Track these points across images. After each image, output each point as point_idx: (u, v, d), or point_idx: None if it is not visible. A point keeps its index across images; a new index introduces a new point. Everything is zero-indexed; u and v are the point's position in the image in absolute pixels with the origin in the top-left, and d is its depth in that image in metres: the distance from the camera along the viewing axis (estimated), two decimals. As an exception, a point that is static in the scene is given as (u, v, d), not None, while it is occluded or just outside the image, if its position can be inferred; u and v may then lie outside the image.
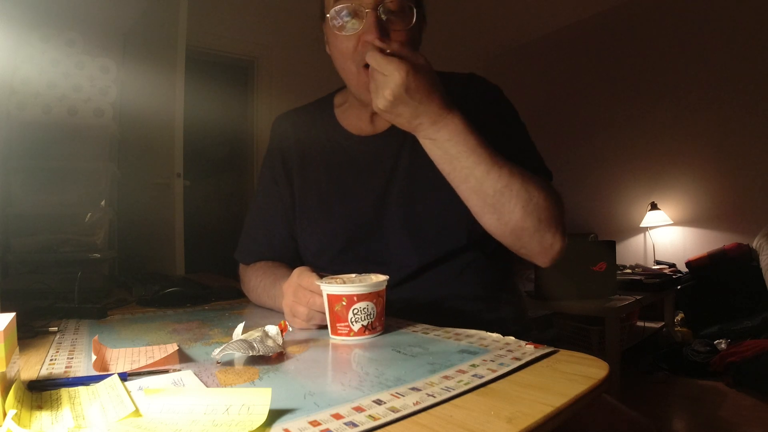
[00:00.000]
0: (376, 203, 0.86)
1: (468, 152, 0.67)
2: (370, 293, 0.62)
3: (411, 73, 0.62)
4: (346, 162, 0.90)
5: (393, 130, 0.86)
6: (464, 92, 0.84)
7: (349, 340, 0.61)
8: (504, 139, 0.76)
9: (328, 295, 0.62)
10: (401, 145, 0.86)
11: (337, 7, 0.74)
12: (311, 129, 0.95)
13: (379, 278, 0.65)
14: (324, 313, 0.64)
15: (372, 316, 0.62)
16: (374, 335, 0.62)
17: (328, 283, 0.63)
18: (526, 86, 4.49)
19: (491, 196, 0.68)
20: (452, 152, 0.68)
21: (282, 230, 0.94)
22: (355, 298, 0.61)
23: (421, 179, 0.84)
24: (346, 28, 0.74)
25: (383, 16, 0.72)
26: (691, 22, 3.45)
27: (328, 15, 0.76)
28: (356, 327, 0.61)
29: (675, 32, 3.54)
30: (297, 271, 0.70)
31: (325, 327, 0.65)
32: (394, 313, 0.71)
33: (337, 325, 0.62)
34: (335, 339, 0.63)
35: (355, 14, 0.73)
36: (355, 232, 0.86)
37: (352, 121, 0.91)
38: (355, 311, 0.61)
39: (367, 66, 0.71)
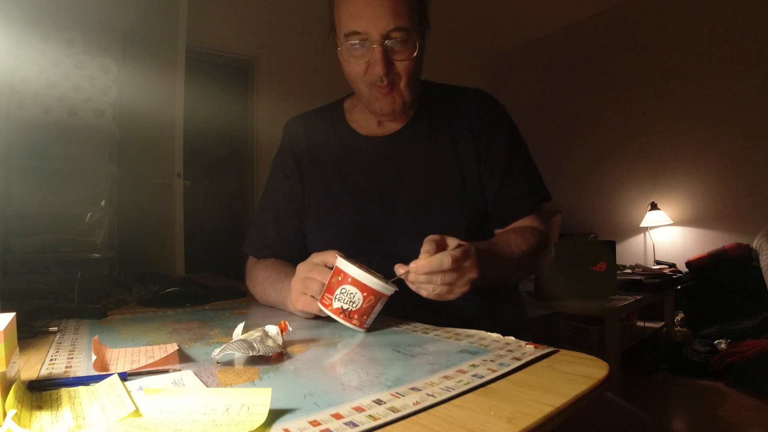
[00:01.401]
0: (383, 200, 0.89)
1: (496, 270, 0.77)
2: (365, 285, 0.63)
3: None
4: (355, 160, 0.94)
5: (402, 132, 0.93)
6: (476, 109, 0.93)
7: (324, 312, 0.65)
8: (512, 164, 0.90)
9: (335, 266, 0.66)
10: (409, 147, 0.92)
11: (349, 39, 0.81)
12: (322, 130, 0.99)
13: (388, 283, 0.65)
14: None
15: (355, 305, 0.63)
16: (349, 325, 0.64)
17: (345, 258, 0.66)
18: (525, 86, 4.49)
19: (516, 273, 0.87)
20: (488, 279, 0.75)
21: (291, 224, 0.96)
22: (349, 279, 0.63)
23: (428, 179, 0.89)
24: (356, 56, 0.83)
25: (390, 47, 0.80)
26: (691, 22, 3.45)
27: (338, 38, 0.84)
28: (336, 304, 0.64)
29: (675, 32, 3.54)
30: (316, 253, 0.73)
31: (327, 324, 0.66)
32: (394, 312, 0.72)
33: (326, 294, 0.65)
34: (317, 306, 0.67)
35: (363, 44, 0.81)
36: (362, 227, 0.89)
37: (362, 124, 0.96)
38: (343, 291, 0.63)
39: (381, 81, 0.83)
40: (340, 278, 0.64)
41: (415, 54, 0.82)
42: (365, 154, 0.94)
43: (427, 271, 0.63)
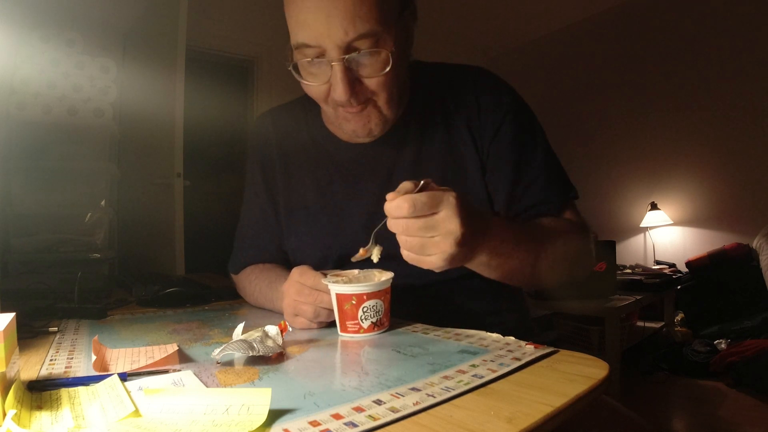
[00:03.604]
0: (368, 220, 0.78)
1: (511, 259, 0.64)
2: (378, 291, 0.63)
3: (462, 224, 0.53)
4: (334, 172, 0.82)
5: (389, 136, 0.79)
6: (475, 102, 0.78)
7: (358, 337, 0.62)
8: (525, 173, 0.75)
9: (337, 294, 0.63)
10: (397, 153, 0.79)
11: (302, 52, 0.65)
12: (295, 131, 0.87)
13: (385, 276, 0.65)
14: (330, 310, 0.65)
15: (380, 312, 0.63)
16: (382, 331, 0.64)
17: (333, 281, 0.63)
18: (525, 86, 4.45)
19: (539, 275, 0.69)
20: (498, 266, 0.64)
21: (269, 242, 0.91)
22: (364, 297, 0.62)
23: None
24: (313, 74, 0.66)
25: (354, 60, 0.64)
26: (691, 22, 3.45)
27: (293, 50, 0.67)
28: (366, 324, 0.62)
29: (675, 32, 3.54)
30: (297, 270, 0.68)
31: (327, 325, 0.66)
32: (394, 312, 0.71)
33: (347, 323, 0.63)
34: (344, 336, 0.63)
35: (319, 60, 0.65)
36: (346, 247, 0.77)
37: None
38: (365, 309, 0.62)
39: (349, 104, 0.67)
40: (353, 302, 0.62)
41: (388, 68, 0.64)
42: (346, 164, 0.81)
43: (391, 214, 0.53)
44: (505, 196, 0.77)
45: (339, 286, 0.63)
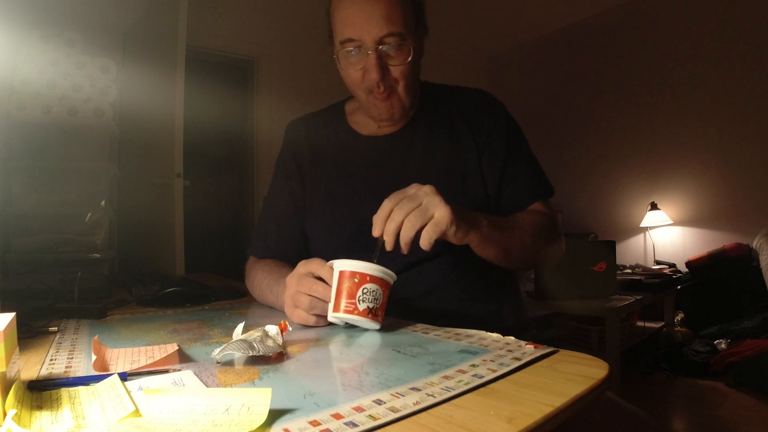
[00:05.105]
0: (382, 198, 0.87)
1: (494, 242, 0.77)
2: (381, 279, 0.63)
3: (452, 217, 0.66)
4: (356, 160, 0.95)
5: (402, 132, 0.94)
6: (474, 108, 0.94)
7: (350, 319, 0.63)
8: (511, 161, 0.91)
9: (340, 272, 0.64)
10: (409, 146, 0.93)
11: (344, 46, 0.82)
12: (323, 131, 1.01)
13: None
14: (325, 303, 0.65)
15: (378, 301, 0.63)
16: (374, 323, 0.63)
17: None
18: (525, 86, 4.48)
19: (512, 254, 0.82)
20: (497, 239, 0.78)
21: (292, 225, 0.97)
22: (368, 278, 0.63)
23: (428, 178, 0.86)
24: (352, 63, 0.84)
25: (384, 52, 0.82)
26: (691, 22, 3.45)
27: (335, 45, 0.85)
28: (362, 306, 0.62)
29: (674, 32, 3.54)
30: (303, 261, 0.71)
31: (326, 325, 0.65)
32: (395, 312, 0.72)
33: (344, 300, 0.63)
34: (337, 316, 0.63)
35: (358, 50, 0.82)
36: (361, 224, 0.86)
37: (362, 125, 0.97)
38: (365, 291, 0.62)
39: (378, 87, 0.83)
40: (356, 280, 0.62)
41: (410, 59, 0.83)
42: (365, 153, 0.95)
43: (380, 218, 0.66)
44: (497, 180, 0.91)
45: (344, 262, 0.63)
